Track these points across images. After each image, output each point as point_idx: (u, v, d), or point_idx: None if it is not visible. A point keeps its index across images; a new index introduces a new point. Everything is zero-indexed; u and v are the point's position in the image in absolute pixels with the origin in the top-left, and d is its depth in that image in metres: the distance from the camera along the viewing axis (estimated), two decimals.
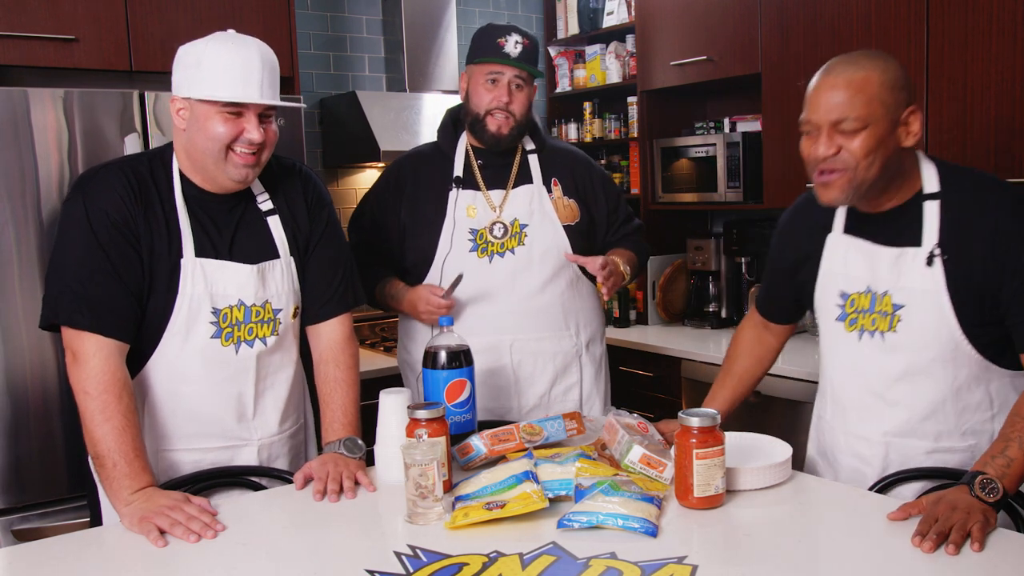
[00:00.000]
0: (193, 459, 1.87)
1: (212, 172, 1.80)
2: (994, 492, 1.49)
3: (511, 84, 2.24)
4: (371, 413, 1.87)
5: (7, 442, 2.60)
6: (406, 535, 1.55)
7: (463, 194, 2.31)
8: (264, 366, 1.90)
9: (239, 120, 1.75)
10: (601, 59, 4.23)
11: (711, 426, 1.58)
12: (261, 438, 1.93)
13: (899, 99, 1.66)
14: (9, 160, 2.56)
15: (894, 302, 1.74)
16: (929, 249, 1.69)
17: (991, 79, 2.71)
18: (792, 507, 1.64)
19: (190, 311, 1.80)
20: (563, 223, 2.34)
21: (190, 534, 1.54)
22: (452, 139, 2.37)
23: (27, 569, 1.50)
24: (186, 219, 1.81)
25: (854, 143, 1.64)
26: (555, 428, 1.91)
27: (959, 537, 1.39)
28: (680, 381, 3.42)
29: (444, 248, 2.29)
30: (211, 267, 1.82)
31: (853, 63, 1.67)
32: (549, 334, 2.33)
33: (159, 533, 1.54)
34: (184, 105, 1.76)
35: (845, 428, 1.87)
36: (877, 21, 2.99)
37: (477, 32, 2.31)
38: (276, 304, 1.89)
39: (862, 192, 1.69)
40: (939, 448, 1.76)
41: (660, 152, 3.87)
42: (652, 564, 1.39)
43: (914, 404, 1.76)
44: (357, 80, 3.97)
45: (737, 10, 3.44)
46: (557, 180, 2.37)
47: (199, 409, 1.85)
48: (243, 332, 1.85)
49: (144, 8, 2.91)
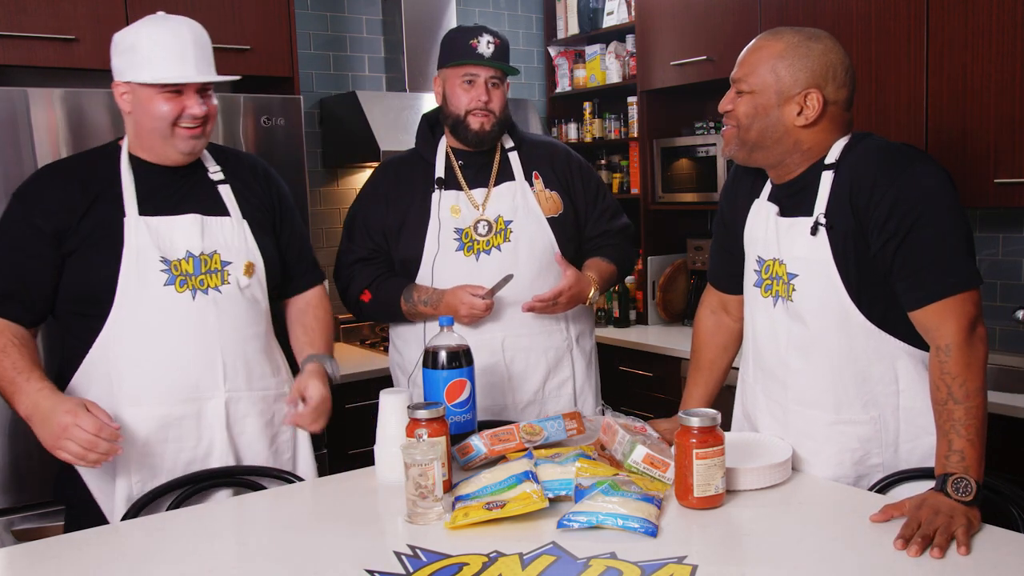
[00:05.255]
0: (160, 412, 1.89)
1: (162, 148, 1.91)
2: (967, 490, 1.50)
3: (487, 83, 2.27)
4: (371, 413, 1.87)
5: (7, 442, 2.60)
6: (406, 535, 1.55)
7: (446, 194, 2.32)
8: (226, 318, 1.94)
9: (180, 98, 1.86)
10: (601, 59, 4.23)
11: (711, 426, 1.58)
12: (229, 391, 1.94)
13: (797, 78, 1.71)
14: (9, 160, 2.56)
15: (788, 271, 1.77)
16: (815, 218, 1.72)
17: (991, 79, 2.71)
18: (792, 507, 1.64)
19: (139, 261, 1.88)
20: (546, 215, 2.35)
21: (97, 461, 1.70)
22: (431, 143, 2.39)
23: (27, 569, 1.50)
24: (131, 184, 1.91)
25: (741, 105, 1.76)
26: (555, 428, 1.91)
27: (944, 540, 1.40)
28: (680, 381, 3.42)
29: (431, 249, 2.30)
30: (155, 222, 1.91)
31: (774, 34, 1.76)
32: (540, 329, 2.34)
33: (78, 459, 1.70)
34: (127, 89, 1.88)
35: (766, 391, 1.90)
36: (877, 21, 2.99)
37: (447, 36, 2.33)
38: (225, 256, 1.96)
39: (750, 151, 1.77)
40: (840, 420, 1.77)
41: (660, 152, 3.87)
42: (652, 564, 1.39)
43: (814, 372, 1.78)
44: (357, 80, 3.97)
45: (737, 10, 3.44)
46: (538, 173, 2.39)
47: (164, 359, 1.89)
48: (195, 282, 1.92)
49: (144, 8, 2.90)
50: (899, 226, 1.62)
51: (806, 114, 1.71)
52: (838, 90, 1.73)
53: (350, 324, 3.90)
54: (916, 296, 1.63)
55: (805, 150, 1.75)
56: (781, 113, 1.72)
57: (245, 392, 1.97)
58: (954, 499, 1.50)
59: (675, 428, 1.65)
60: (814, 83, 1.71)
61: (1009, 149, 2.70)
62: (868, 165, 1.68)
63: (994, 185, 2.73)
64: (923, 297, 1.62)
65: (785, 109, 1.72)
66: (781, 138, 1.74)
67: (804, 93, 1.71)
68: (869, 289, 1.70)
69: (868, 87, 3.00)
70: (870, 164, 1.68)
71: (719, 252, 2.05)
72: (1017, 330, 3.06)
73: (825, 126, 1.73)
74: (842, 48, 1.75)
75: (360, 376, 3.25)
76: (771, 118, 1.73)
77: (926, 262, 1.62)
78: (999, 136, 2.72)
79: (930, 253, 1.61)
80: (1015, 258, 3.11)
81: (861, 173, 1.68)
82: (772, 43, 1.74)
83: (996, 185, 2.72)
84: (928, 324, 1.64)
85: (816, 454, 1.80)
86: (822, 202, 1.72)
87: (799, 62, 1.71)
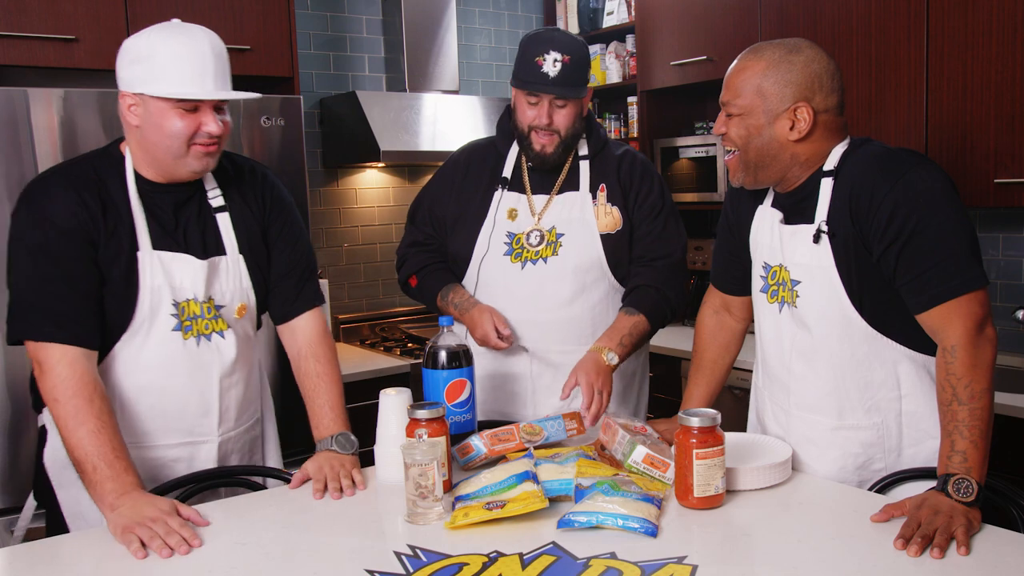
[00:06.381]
0: (154, 455, 1.86)
1: (170, 166, 1.78)
2: (968, 490, 1.50)
3: (551, 104, 2.15)
4: (371, 413, 1.87)
5: (7, 442, 2.60)
6: (406, 535, 1.55)
7: (507, 195, 2.26)
8: (226, 363, 1.89)
9: (196, 115, 1.73)
10: (601, 59, 4.23)
11: (711, 426, 1.58)
12: (223, 433, 1.93)
13: (784, 94, 1.69)
14: (9, 160, 2.56)
15: (792, 278, 1.78)
16: (817, 226, 1.72)
17: (991, 79, 2.71)
18: (792, 507, 1.64)
19: (152, 304, 1.79)
20: (602, 232, 2.23)
21: (164, 548, 1.51)
22: (509, 136, 2.30)
23: (27, 569, 1.50)
24: (141, 213, 1.80)
25: (732, 128, 1.75)
26: (555, 428, 1.90)
27: (943, 540, 1.41)
28: (680, 381, 3.42)
29: (481, 248, 2.24)
30: (167, 259, 1.81)
31: (755, 52, 1.74)
32: (573, 347, 2.20)
33: (140, 545, 1.51)
34: (136, 101, 1.73)
35: (772, 396, 1.91)
36: (877, 21, 2.99)
37: (523, 43, 2.18)
38: (219, 300, 1.88)
39: (755, 173, 1.77)
40: (843, 425, 1.78)
41: (660, 152, 3.88)
42: (652, 564, 1.39)
43: (816, 378, 1.78)
44: (357, 80, 3.97)
45: (737, 10, 3.44)
46: (604, 186, 2.26)
47: (162, 405, 1.85)
48: (200, 326, 1.85)
49: (144, 8, 2.91)
50: (900, 231, 1.62)
51: (798, 128, 1.70)
52: (827, 98, 1.71)
53: (350, 324, 3.90)
54: (921, 299, 1.63)
55: (803, 161, 1.74)
56: (773, 131, 1.71)
57: (235, 432, 1.96)
58: (954, 498, 1.50)
59: (675, 428, 1.65)
60: (801, 96, 1.69)
61: (1009, 149, 2.70)
62: (866, 172, 1.68)
63: (994, 185, 2.73)
64: (928, 300, 1.62)
65: (776, 126, 1.71)
66: (778, 154, 1.73)
67: (793, 108, 1.69)
68: (871, 295, 1.70)
69: (868, 87, 3.00)
70: (869, 171, 1.68)
71: (722, 254, 2.05)
72: (1017, 330, 3.06)
73: (820, 135, 1.72)
74: (825, 54, 1.73)
75: (360, 376, 3.26)
76: (764, 137, 1.72)
77: (929, 265, 1.61)
78: (999, 136, 2.72)
79: (933, 256, 1.61)
80: (1015, 258, 3.11)
81: (860, 180, 1.68)
82: (754, 62, 1.72)
83: (996, 185, 2.72)
84: (935, 326, 1.63)
85: (818, 459, 1.80)
86: (823, 210, 1.72)
87: (783, 77, 1.69)
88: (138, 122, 1.75)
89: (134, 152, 1.81)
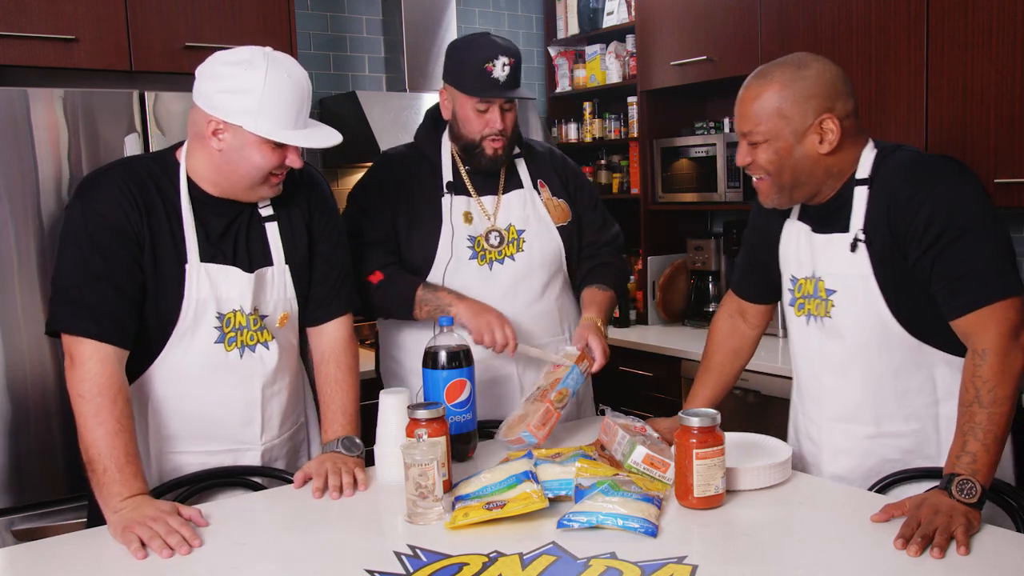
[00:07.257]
0: (199, 461, 1.87)
1: (242, 191, 1.80)
2: (972, 492, 1.50)
3: (501, 107, 2.17)
4: (371, 413, 1.87)
5: (7, 442, 2.60)
6: (406, 535, 1.55)
7: (457, 200, 2.25)
8: (268, 372, 1.89)
9: (283, 150, 1.76)
10: (601, 59, 4.23)
11: (711, 426, 1.59)
12: (266, 442, 1.93)
13: (806, 110, 1.68)
14: (9, 160, 2.56)
15: (827, 287, 1.77)
16: (854, 235, 1.72)
17: (991, 79, 2.71)
18: (792, 507, 1.64)
19: (196, 315, 1.79)
20: (556, 224, 2.31)
21: (164, 548, 1.50)
22: (435, 141, 2.31)
23: (27, 569, 1.50)
24: (191, 224, 1.80)
25: (760, 155, 1.72)
26: (575, 380, 2.03)
27: (943, 540, 1.40)
28: (680, 381, 3.42)
29: (444, 255, 2.23)
30: (215, 271, 1.81)
31: (763, 77, 1.72)
32: (549, 339, 2.30)
33: (140, 544, 1.51)
34: (225, 128, 1.72)
35: (804, 410, 1.91)
36: (877, 21, 2.99)
37: (457, 51, 2.18)
38: (263, 311, 1.88)
39: (790, 193, 1.75)
40: (882, 433, 1.78)
41: (660, 152, 3.87)
42: (652, 564, 1.39)
43: (852, 389, 1.78)
44: (357, 80, 3.97)
45: (737, 10, 3.44)
46: (544, 182, 2.34)
47: (204, 413, 1.85)
48: (245, 337, 1.85)
49: (144, 8, 2.91)
50: (937, 239, 1.63)
51: (828, 140, 1.69)
52: (845, 104, 1.71)
53: None
54: (955, 305, 1.63)
55: (836, 172, 1.74)
56: (804, 148, 1.70)
57: (278, 439, 1.96)
58: (956, 498, 1.49)
59: (675, 428, 1.65)
60: (823, 108, 1.68)
61: (1009, 149, 2.70)
62: (904, 179, 1.68)
63: (994, 185, 2.73)
64: (962, 305, 1.62)
65: (806, 143, 1.70)
66: (812, 171, 1.72)
67: (818, 121, 1.68)
68: (908, 301, 1.71)
69: (868, 87, 3.00)
70: (906, 178, 1.68)
71: (747, 262, 2.05)
72: None
73: (847, 143, 1.72)
74: (830, 61, 1.73)
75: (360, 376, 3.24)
76: (796, 157, 1.70)
77: (965, 271, 1.62)
78: (999, 136, 2.72)
79: (968, 263, 1.62)
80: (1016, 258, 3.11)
81: (896, 188, 1.68)
82: (765, 86, 1.70)
83: (996, 185, 2.72)
84: (968, 331, 1.63)
85: (855, 469, 1.80)
86: (858, 218, 1.72)
87: (800, 94, 1.68)
88: (222, 147, 1.74)
89: (199, 167, 1.80)
